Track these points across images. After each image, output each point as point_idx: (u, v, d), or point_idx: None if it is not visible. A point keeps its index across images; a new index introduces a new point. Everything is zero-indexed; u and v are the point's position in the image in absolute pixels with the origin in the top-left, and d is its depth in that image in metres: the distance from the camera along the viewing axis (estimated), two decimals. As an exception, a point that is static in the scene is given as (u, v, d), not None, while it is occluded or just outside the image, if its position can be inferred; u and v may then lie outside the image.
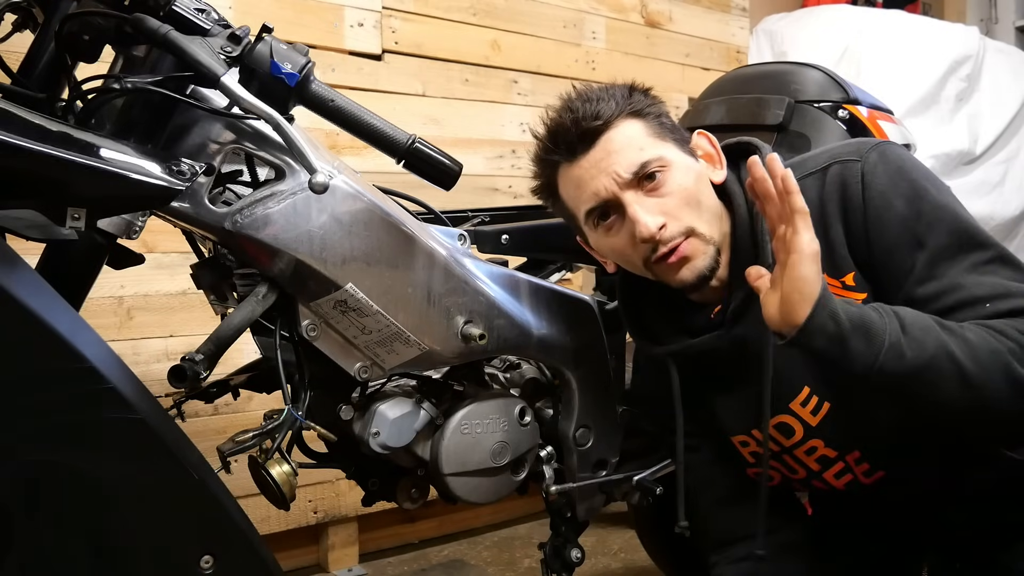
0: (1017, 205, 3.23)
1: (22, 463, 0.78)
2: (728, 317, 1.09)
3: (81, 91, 0.96)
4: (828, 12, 3.27)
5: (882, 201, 1.00)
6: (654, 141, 1.07)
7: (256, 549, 0.91)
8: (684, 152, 1.09)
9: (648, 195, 1.05)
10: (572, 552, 1.39)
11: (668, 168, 1.05)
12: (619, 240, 1.08)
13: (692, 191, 1.06)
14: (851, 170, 1.03)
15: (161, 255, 1.80)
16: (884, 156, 1.03)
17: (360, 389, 1.16)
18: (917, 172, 1.02)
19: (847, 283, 1.02)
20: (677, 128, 1.11)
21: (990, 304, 0.94)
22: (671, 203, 1.05)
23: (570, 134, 1.07)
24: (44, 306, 0.77)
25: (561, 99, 1.11)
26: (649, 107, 1.09)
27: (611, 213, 1.07)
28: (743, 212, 1.09)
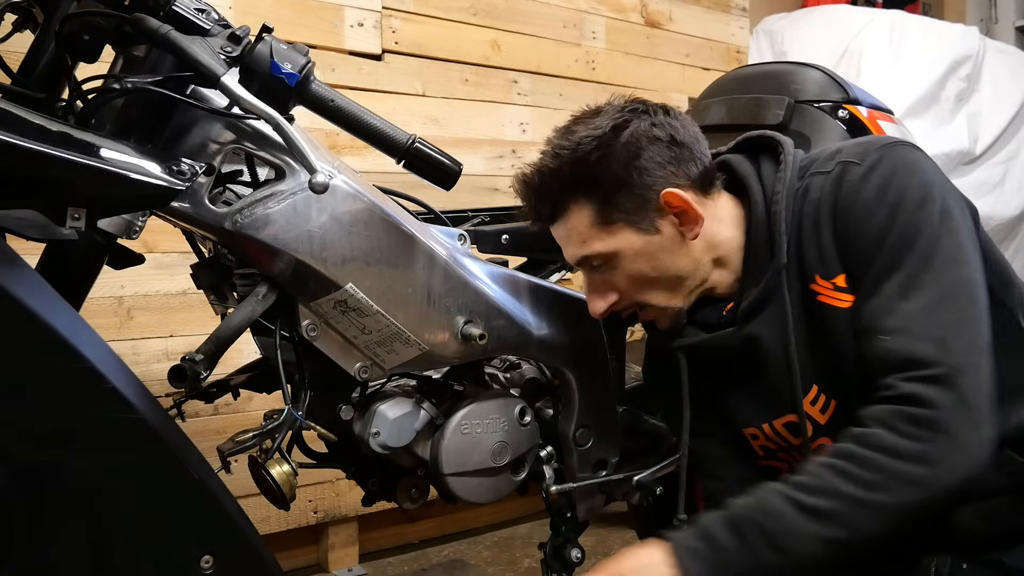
0: (1017, 205, 3.23)
1: (22, 463, 0.78)
2: (741, 314, 1.09)
3: (81, 91, 0.96)
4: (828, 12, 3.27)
5: (865, 208, 0.99)
6: (599, 232, 1.06)
7: (256, 549, 0.91)
8: (638, 231, 1.06)
9: (601, 275, 1.10)
10: (572, 552, 1.39)
11: (614, 258, 1.07)
12: None
13: (644, 273, 1.08)
14: (849, 173, 1.02)
15: (161, 255, 1.80)
16: (885, 159, 1.01)
17: (360, 389, 1.16)
18: (913, 178, 0.99)
19: (838, 284, 1.02)
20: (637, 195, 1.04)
21: (887, 338, 0.94)
22: (621, 284, 1.10)
23: (531, 211, 1.13)
24: (44, 306, 0.77)
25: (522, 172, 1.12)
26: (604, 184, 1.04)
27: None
28: (760, 210, 1.08)
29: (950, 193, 1.00)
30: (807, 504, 0.90)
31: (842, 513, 0.89)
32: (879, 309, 0.96)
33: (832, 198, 1.02)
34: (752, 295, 1.08)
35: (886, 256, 0.97)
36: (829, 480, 0.90)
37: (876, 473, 0.89)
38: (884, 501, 0.89)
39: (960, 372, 0.90)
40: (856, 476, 0.89)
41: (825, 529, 0.89)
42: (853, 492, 0.89)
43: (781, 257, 1.05)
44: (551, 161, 1.08)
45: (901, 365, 0.93)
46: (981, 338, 0.94)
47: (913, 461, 0.89)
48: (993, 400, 0.92)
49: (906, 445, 0.89)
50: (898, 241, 0.97)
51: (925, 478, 0.89)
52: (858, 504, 0.89)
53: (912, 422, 0.90)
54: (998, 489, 1.03)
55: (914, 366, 0.92)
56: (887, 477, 0.89)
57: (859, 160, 1.02)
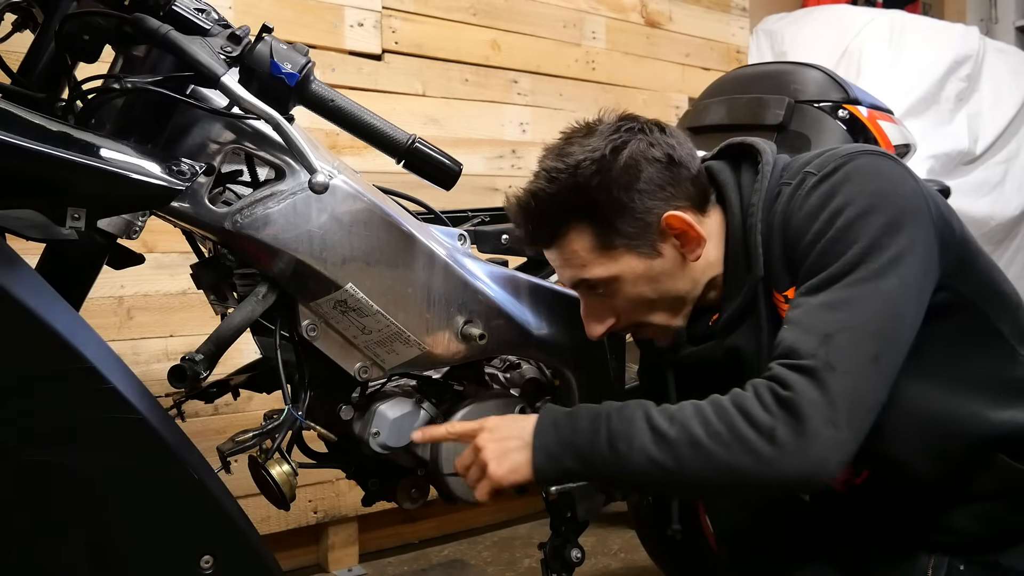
0: (1017, 205, 3.22)
1: (22, 463, 0.78)
2: (721, 327, 1.09)
3: (81, 91, 0.95)
4: (828, 12, 3.27)
5: (808, 217, 0.98)
6: (599, 256, 1.06)
7: (256, 549, 0.91)
8: (639, 256, 1.05)
9: (599, 298, 1.10)
10: (572, 552, 1.39)
11: (614, 282, 1.07)
12: None
13: (645, 296, 1.08)
14: (804, 184, 1.01)
15: (161, 255, 1.80)
16: (840, 169, 0.99)
17: (360, 389, 1.16)
18: (864, 187, 0.96)
19: (789, 297, 1.01)
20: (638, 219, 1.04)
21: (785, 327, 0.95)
22: (621, 306, 1.10)
23: (526, 235, 1.11)
24: (44, 306, 0.77)
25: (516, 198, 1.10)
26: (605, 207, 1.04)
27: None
28: (736, 222, 1.08)
29: (910, 207, 0.96)
30: (655, 424, 0.94)
31: (678, 444, 0.92)
32: (793, 303, 0.97)
33: (786, 208, 1.02)
34: (731, 308, 1.08)
35: (815, 259, 0.97)
36: (686, 415, 0.94)
37: (724, 428, 0.91)
38: (718, 454, 0.90)
39: (832, 369, 0.90)
40: (708, 422, 0.92)
41: (657, 451, 0.93)
42: (696, 432, 0.92)
43: (757, 269, 1.04)
44: (548, 185, 1.06)
45: (784, 353, 0.93)
46: (875, 348, 0.91)
47: (760, 433, 0.90)
48: (867, 413, 0.91)
49: (763, 417, 0.90)
50: (830, 246, 0.95)
51: (764, 453, 0.89)
52: (694, 445, 0.91)
53: (776, 400, 0.91)
54: (992, 492, 1.04)
55: (793, 355, 0.92)
56: (732, 436, 0.90)
57: (816, 171, 1.01)
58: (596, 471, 0.98)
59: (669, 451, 0.92)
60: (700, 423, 0.92)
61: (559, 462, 0.98)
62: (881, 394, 0.92)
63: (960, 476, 1.03)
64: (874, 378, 0.91)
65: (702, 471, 0.91)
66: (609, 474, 0.98)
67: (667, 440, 0.92)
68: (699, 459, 0.91)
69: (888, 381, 0.93)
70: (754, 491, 0.94)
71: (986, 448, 1.01)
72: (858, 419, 0.90)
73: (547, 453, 0.98)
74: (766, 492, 0.93)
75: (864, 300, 0.92)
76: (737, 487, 0.93)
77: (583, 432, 0.97)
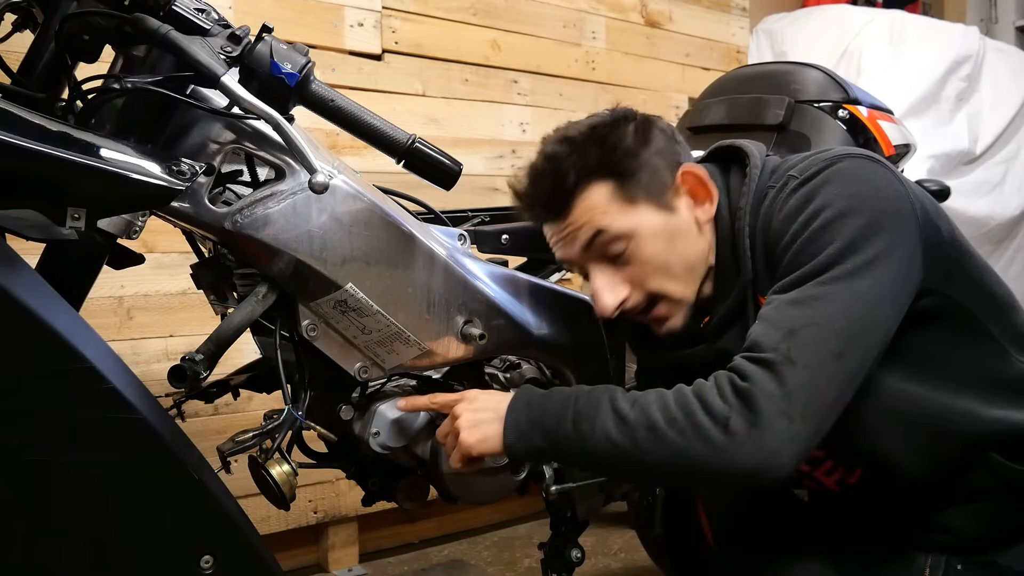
0: (1017, 205, 3.23)
1: (22, 463, 0.78)
2: (711, 330, 1.09)
3: (81, 91, 0.95)
4: (828, 12, 3.28)
5: (786, 220, 0.99)
6: (620, 208, 1.05)
7: (256, 549, 0.91)
8: (658, 209, 1.06)
9: (614, 265, 1.07)
10: (572, 552, 1.39)
11: (632, 239, 1.05)
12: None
13: (661, 256, 1.06)
14: (786, 188, 1.01)
15: (161, 255, 1.80)
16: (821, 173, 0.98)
17: (360, 389, 1.16)
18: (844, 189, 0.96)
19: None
20: (655, 173, 1.06)
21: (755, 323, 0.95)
22: (636, 271, 1.07)
23: (539, 203, 1.09)
24: (44, 306, 0.77)
25: (530, 162, 1.10)
26: (621, 160, 1.05)
27: (585, 272, 1.11)
28: (725, 225, 1.08)
29: (892, 211, 0.96)
30: (618, 407, 0.95)
31: (636, 428, 0.93)
32: (767, 303, 0.97)
33: (768, 211, 1.02)
34: (721, 311, 1.08)
35: (790, 259, 0.97)
36: (648, 401, 0.95)
37: (681, 414, 0.92)
38: (672, 439, 0.91)
39: (791, 363, 0.89)
40: (667, 408, 0.93)
41: (616, 433, 0.94)
42: (654, 417, 0.93)
43: (746, 272, 1.05)
44: (562, 147, 1.06)
45: (749, 347, 0.94)
46: (839, 346, 0.90)
47: (714, 421, 0.90)
48: (825, 410, 0.90)
49: (719, 406, 0.90)
50: (805, 246, 0.95)
51: (717, 441, 0.89)
52: (650, 428, 0.92)
53: (734, 390, 0.91)
54: (987, 492, 1.04)
55: (756, 348, 0.92)
56: (689, 424, 0.91)
57: (799, 174, 1.01)
58: (561, 450, 0.99)
59: (628, 433, 0.93)
60: (659, 408, 0.93)
61: (528, 440, 1.00)
62: (843, 392, 0.91)
63: (954, 475, 1.04)
64: (836, 375, 0.90)
65: (657, 455, 0.92)
66: (573, 454, 0.99)
67: (627, 422, 0.94)
68: (654, 443, 0.92)
69: (852, 380, 0.92)
70: (705, 479, 0.93)
71: (979, 447, 1.01)
72: (814, 414, 0.89)
73: (518, 430, 1.01)
74: (717, 481, 0.93)
75: (833, 298, 0.92)
76: (691, 474, 0.93)
77: (552, 411, 1.00)
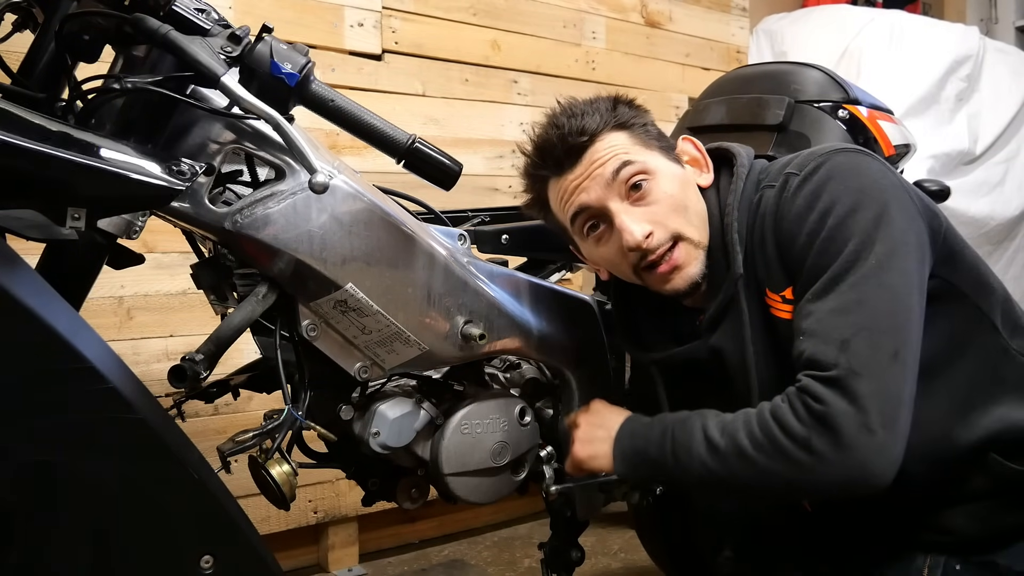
0: (1017, 205, 3.22)
1: (22, 463, 0.78)
2: (704, 327, 1.10)
3: (81, 91, 0.95)
4: (828, 12, 3.27)
5: (797, 216, 1.00)
6: (639, 149, 1.08)
7: (256, 549, 0.91)
8: (669, 159, 1.11)
9: (635, 204, 1.07)
10: (572, 552, 1.39)
11: (653, 176, 1.07)
12: (608, 250, 1.10)
13: (678, 197, 1.08)
14: (789, 184, 1.02)
15: (161, 255, 1.80)
16: (822, 167, 1.00)
17: (360, 389, 1.16)
18: (849, 183, 0.98)
19: (786, 296, 1.03)
20: (663, 136, 1.13)
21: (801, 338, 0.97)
22: (658, 210, 1.07)
23: (556, 149, 1.09)
24: (44, 306, 0.77)
25: (546, 115, 1.12)
26: (634, 119, 1.10)
27: (600, 223, 1.09)
28: (716, 221, 1.10)
29: (895, 199, 0.98)
30: (710, 436, 1.01)
31: (727, 455, 0.98)
32: (802, 311, 0.98)
33: (773, 210, 1.03)
34: (712, 307, 1.09)
35: (814, 260, 0.98)
36: (736, 427, 0.99)
37: (766, 438, 0.96)
38: (761, 463, 0.96)
39: (856, 376, 0.91)
40: (752, 433, 0.97)
41: (711, 460, 1.00)
42: (742, 443, 0.97)
43: (736, 268, 1.06)
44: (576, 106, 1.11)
45: (808, 364, 0.95)
46: (892, 344, 0.93)
47: (796, 444, 0.93)
48: (900, 410, 0.92)
49: (797, 428, 0.94)
50: (826, 245, 0.97)
51: (805, 463, 0.93)
52: (740, 455, 0.97)
53: (808, 412, 0.93)
54: (985, 491, 1.04)
55: (817, 366, 0.94)
56: (773, 447, 0.95)
57: (798, 170, 1.03)
58: (666, 477, 1.08)
59: (721, 461, 0.99)
60: (746, 434, 0.97)
61: (637, 470, 1.09)
62: (909, 387, 0.94)
63: (953, 476, 1.04)
64: (899, 374, 0.93)
65: (751, 478, 0.98)
66: (677, 480, 1.06)
67: (719, 451, 0.99)
68: (747, 467, 0.97)
69: (912, 373, 0.94)
70: (805, 494, 1.04)
71: (978, 447, 1.02)
72: (892, 419, 0.91)
73: (625, 458, 1.10)
74: (818, 494, 1.03)
75: (871, 299, 0.94)
76: (787, 491, 1.01)
77: (654, 442, 1.06)
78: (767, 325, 1.06)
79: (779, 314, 1.04)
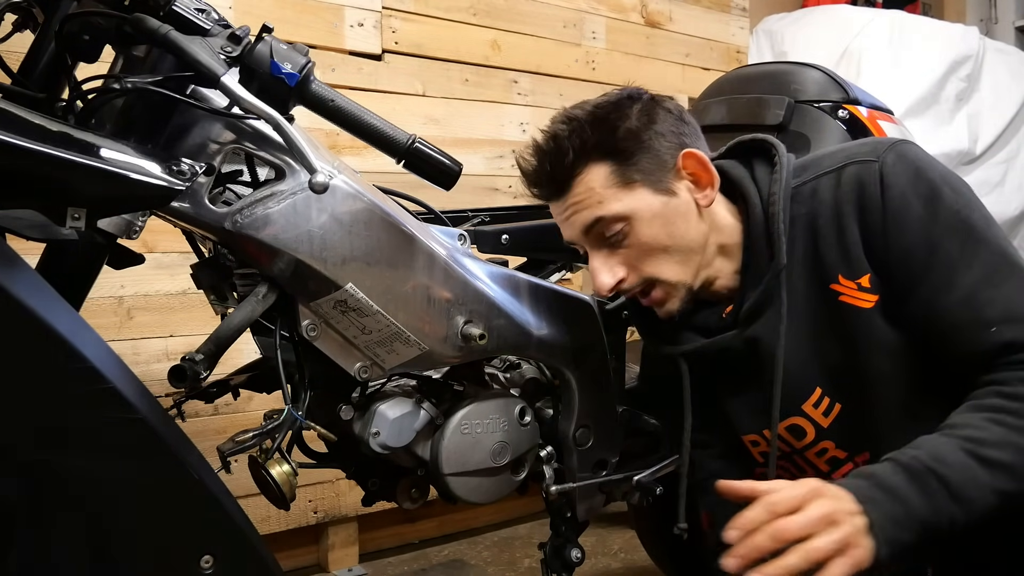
0: (1017, 205, 3.23)
1: (22, 463, 0.78)
2: (742, 317, 1.09)
3: (81, 91, 0.95)
4: (828, 12, 3.27)
5: (902, 202, 0.99)
6: (616, 192, 1.05)
7: (256, 549, 0.91)
8: (656, 192, 1.06)
9: (611, 247, 1.08)
10: (572, 552, 1.39)
11: (630, 221, 1.05)
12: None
13: (659, 240, 1.06)
14: (869, 170, 1.02)
15: (161, 255, 1.80)
16: (902, 156, 1.02)
17: (360, 389, 1.16)
18: (935, 172, 1.01)
19: (863, 284, 1.02)
20: (656, 156, 1.06)
21: (995, 329, 0.94)
22: (632, 255, 1.07)
23: (541, 181, 1.09)
24: (44, 306, 0.77)
25: (535, 140, 1.10)
26: (621, 141, 1.05)
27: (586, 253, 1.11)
28: (758, 212, 1.08)
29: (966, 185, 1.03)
30: (985, 456, 0.87)
31: (1018, 466, 0.87)
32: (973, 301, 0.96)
33: (855, 195, 1.02)
34: (753, 297, 1.07)
35: (945, 250, 0.97)
36: (1000, 433, 0.88)
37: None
38: None
39: None
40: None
41: (1001, 481, 0.87)
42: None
43: (781, 258, 1.04)
44: (565, 125, 1.07)
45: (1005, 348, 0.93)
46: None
47: None
48: None
49: None
50: (952, 233, 0.98)
51: None
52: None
53: None
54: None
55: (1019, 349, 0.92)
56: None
57: (874, 157, 1.03)
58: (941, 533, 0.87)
59: (1013, 476, 0.88)
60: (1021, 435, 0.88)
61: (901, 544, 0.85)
62: None
63: None
64: None
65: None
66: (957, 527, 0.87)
67: (1007, 467, 0.88)
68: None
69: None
70: None
71: None
72: None
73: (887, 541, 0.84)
74: None
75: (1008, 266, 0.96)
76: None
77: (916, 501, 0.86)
78: (826, 313, 1.05)
79: (852, 301, 1.02)
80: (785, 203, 1.06)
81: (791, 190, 1.07)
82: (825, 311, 1.05)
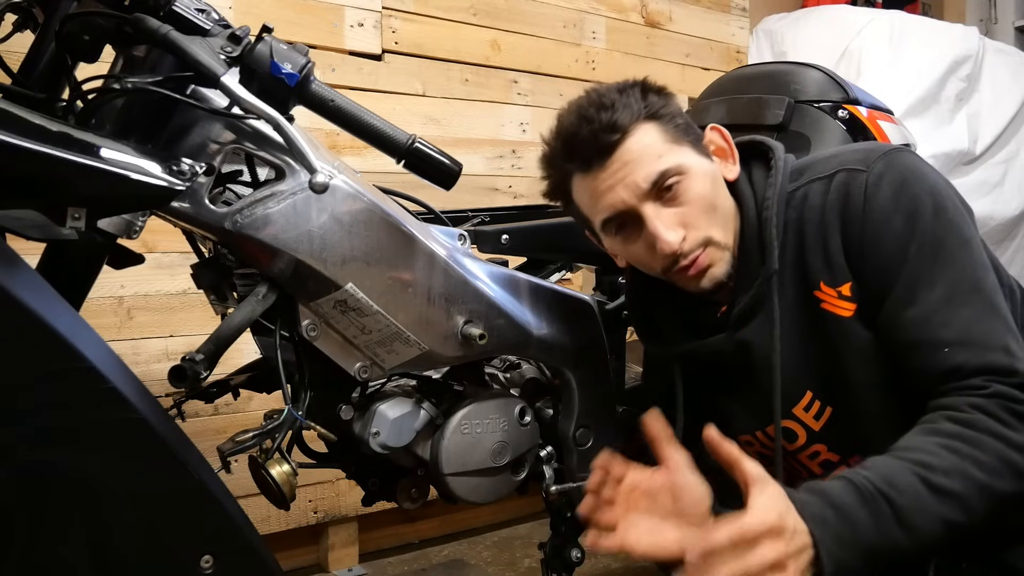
0: (1017, 205, 3.23)
1: (22, 463, 0.78)
2: (733, 320, 1.09)
3: (81, 91, 0.95)
4: (828, 12, 3.27)
5: (882, 215, 0.99)
6: (671, 147, 1.04)
7: (256, 549, 0.91)
8: (700, 154, 1.07)
9: (666, 205, 1.03)
10: (572, 552, 1.39)
11: (686, 176, 1.03)
12: (638, 248, 1.07)
13: (709, 197, 1.05)
14: (856, 180, 1.01)
15: (161, 255, 1.80)
16: (891, 167, 1.01)
17: (360, 389, 1.16)
18: (922, 186, 0.99)
19: (843, 292, 1.02)
20: (691, 126, 1.09)
21: (948, 350, 0.93)
22: (690, 212, 1.04)
23: (586, 146, 1.04)
24: (44, 306, 0.77)
25: (574, 103, 1.07)
26: (664, 108, 1.06)
27: (628, 224, 1.06)
28: (751, 215, 1.08)
29: (956, 196, 1.01)
30: (936, 484, 0.85)
31: (967, 497, 0.85)
32: (930, 321, 0.95)
33: (840, 205, 1.02)
34: (743, 301, 1.08)
35: (914, 266, 0.97)
36: (954, 462, 0.87)
37: (993, 459, 0.87)
38: (1000, 488, 0.87)
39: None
40: (979, 461, 0.87)
41: (949, 511, 0.85)
42: (978, 477, 0.86)
43: (772, 263, 1.04)
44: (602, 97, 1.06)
45: (982, 371, 0.92)
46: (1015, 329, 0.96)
47: (1019, 451, 0.88)
48: None
49: (1013, 435, 0.88)
50: (925, 251, 0.97)
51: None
52: (980, 489, 0.86)
53: (1014, 415, 0.89)
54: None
55: (998, 373, 0.91)
56: (1002, 464, 0.87)
57: (863, 167, 1.02)
58: (890, 557, 0.84)
59: (961, 507, 0.85)
60: (974, 466, 0.86)
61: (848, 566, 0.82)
62: None
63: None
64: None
65: (986, 511, 0.87)
66: (905, 553, 0.85)
67: (956, 497, 0.85)
68: (986, 502, 0.87)
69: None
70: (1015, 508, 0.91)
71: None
72: None
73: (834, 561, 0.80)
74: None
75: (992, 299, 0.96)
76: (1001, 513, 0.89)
77: (865, 525, 0.83)
78: (809, 319, 1.04)
79: (832, 309, 1.02)
80: (779, 208, 1.06)
81: (786, 194, 1.07)
82: (809, 317, 1.05)
